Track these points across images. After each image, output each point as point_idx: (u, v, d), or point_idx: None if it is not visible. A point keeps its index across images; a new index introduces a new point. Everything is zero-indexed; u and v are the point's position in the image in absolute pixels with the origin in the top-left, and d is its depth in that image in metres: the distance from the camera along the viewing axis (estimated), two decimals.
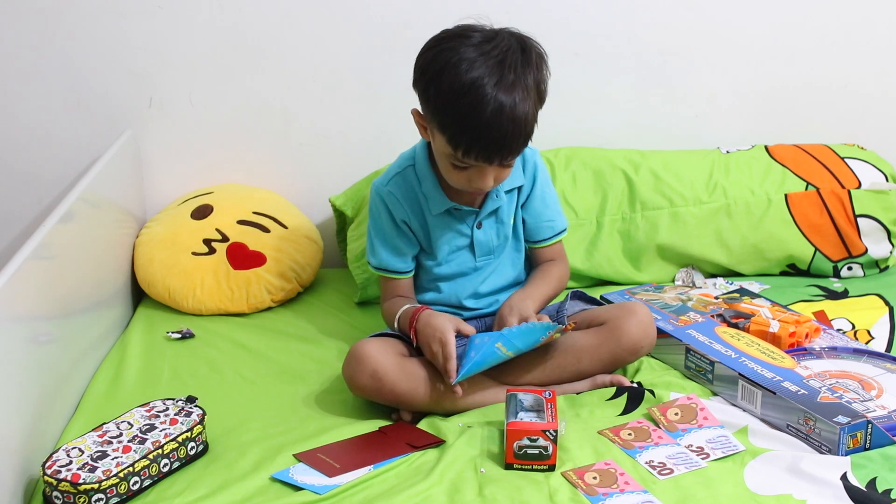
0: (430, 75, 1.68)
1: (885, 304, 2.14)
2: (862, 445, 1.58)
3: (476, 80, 1.62)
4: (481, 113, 1.62)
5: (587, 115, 2.48)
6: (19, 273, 1.54)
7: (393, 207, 1.83)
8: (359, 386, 1.72)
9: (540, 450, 1.53)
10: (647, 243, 2.29)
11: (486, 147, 1.65)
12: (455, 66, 1.64)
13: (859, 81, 2.54)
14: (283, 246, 2.26)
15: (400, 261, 1.87)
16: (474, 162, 1.67)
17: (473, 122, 1.63)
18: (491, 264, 1.88)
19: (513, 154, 1.69)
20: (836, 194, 2.31)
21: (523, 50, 1.68)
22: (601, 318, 1.82)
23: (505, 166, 1.71)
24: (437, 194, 1.82)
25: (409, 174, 1.84)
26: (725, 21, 2.48)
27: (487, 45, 1.66)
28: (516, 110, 1.63)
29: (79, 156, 2.38)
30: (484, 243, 1.86)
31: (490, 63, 1.64)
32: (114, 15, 2.32)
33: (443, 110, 1.67)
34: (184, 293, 2.18)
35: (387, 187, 1.84)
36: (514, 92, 1.63)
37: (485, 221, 1.85)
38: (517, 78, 1.64)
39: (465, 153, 1.66)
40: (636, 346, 1.80)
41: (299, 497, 1.48)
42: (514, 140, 1.66)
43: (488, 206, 1.84)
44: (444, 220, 1.84)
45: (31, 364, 1.59)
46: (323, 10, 2.36)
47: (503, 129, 1.63)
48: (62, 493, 1.45)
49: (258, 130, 2.44)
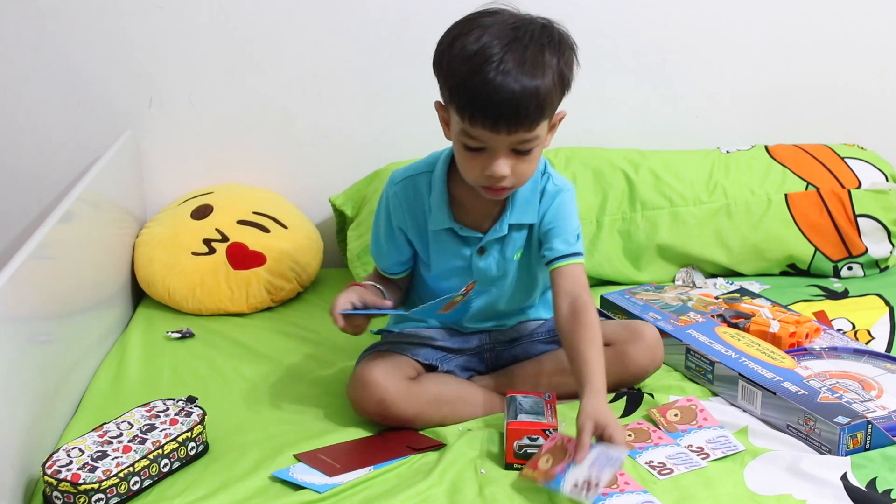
0: (444, 45, 1.61)
1: (885, 304, 2.14)
2: (862, 446, 1.58)
3: (486, 44, 1.55)
4: (486, 73, 1.53)
5: (587, 115, 2.47)
6: (19, 273, 1.54)
7: (394, 210, 1.76)
8: (365, 411, 1.69)
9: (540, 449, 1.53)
10: (648, 243, 2.29)
11: (491, 110, 1.54)
12: (468, 34, 1.58)
13: (859, 81, 2.55)
14: (283, 246, 2.26)
15: (386, 260, 1.81)
16: (481, 131, 1.56)
17: (478, 82, 1.53)
18: (489, 292, 1.78)
19: (521, 125, 1.56)
20: (836, 194, 2.31)
21: (545, 27, 1.60)
22: (607, 339, 1.70)
23: (520, 152, 1.60)
24: (441, 210, 1.72)
25: (422, 181, 1.74)
26: (725, 21, 2.48)
27: (507, 17, 1.60)
28: (525, 77, 1.54)
29: (79, 156, 2.38)
30: (483, 271, 1.74)
31: (504, 29, 1.57)
32: (114, 15, 2.32)
33: (452, 77, 1.59)
34: (184, 293, 2.18)
35: (395, 188, 1.76)
36: (524, 58, 1.55)
37: (488, 249, 1.74)
38: (531, 45, 1.56)
39: (472, 119, 1.55)
40: (642, 373, 1.77)
41: (299, 497, 1.48)
42: (522, 107, 1.54)
43: (492, 234, 1.72)
44: (445, 240, 1.74)
45: (31, 364, 1.59)
46: (323, 11, 2.36)
47: (509, 92, 1.53)
48: (62, 493, 1.45)
49: (258, 130, 2.44)
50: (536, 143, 1.61)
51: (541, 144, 1.63)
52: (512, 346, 1.83)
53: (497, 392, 1.76)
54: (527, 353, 1.81)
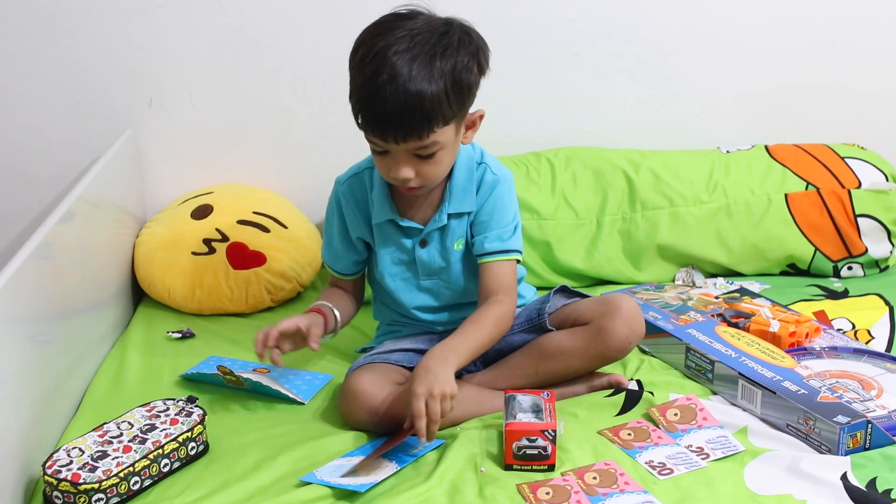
0: (353, 49, 1.63)
1: (885, 304, 2.14)
2: (862, 445, 1.58)
3: (382, 48, 1.56)
4: (376, 80, 1.55)
5: (587, 115, 2.48)
6: (19, 273, 1.54)
7: (345, 208, 1.80)
8: (357, 421, 1.68)
9: (539, 450, 1.53)
10: (648, 243, 2.29)
11: (380, 119, 1.57)
12: (371, 39, 1.59)
13: (859, 81, 2.55)
14: (283, 246, 2.26)
15: (337, 262, 1.84)
16: (377, 140, 1.60)
17: (370, 91, 1.56)
18: (437, 286, 1.81)
19: (409, 133, 1.57)
20: (836, 194, 2.31)
21: (445, 33, 1.60)
22: (585, 317, 1.75)
23: (421, 156, 1.62)
24: (382, 203, 1.76)
25: (364, 177, 1.79)
26: (725, 21, 2.48)
27: (414, 23, 1.60)
28: (412, 84, 1.54)
29: (79, 156, 2.38)
30: (427, 263, 1.78)
31: (402, 34, 1.57)
32: (114, 15, 2.32)
33: (351, 82, 1.62)
34: (184, 293, 2.18)
35: (342, 187, 1.81)
36: (414, 64, 1.55)
37: (430, 241, 1.77)
38: (421, 56, 1.56)
39: (365, 128, 1.60)
40: (624, 345, 1.74)
41: (299, 497, 1.48)
42: (409, 116, 1.55)
43: (431, 225, 1.75)
44: (387, 232, 1.78)
45: (31, 364, 1.59)
46: (323, 11, 2.36)
47: (397, 101, 1.54)
48: (62, 493, 1.45)
49: (258, 130, 2.44)
50: (438, 147, 1.63)
51: (447, 147, 1.64)
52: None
53: (490, 388, 1.76)
54: (510, 345, 1.81)
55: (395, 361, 1.77)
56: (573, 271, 2.27)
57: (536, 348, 1.78)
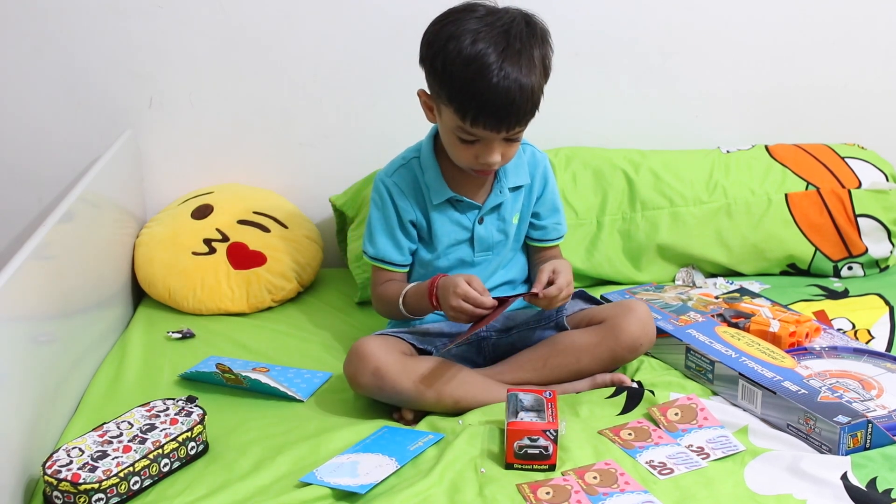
0: (437, 47, 1.71)
1: (885, 304, 2.14)
2: (862, 445, 1.58)
3: (482, 50, 1.66)
4: (488, 80, 1.65)
5: (587, 115, 2.48)
6: (19, 273, 1.54)
7: (397, 198, 1.85)
8: (360, 384, 1.72)
9: (540, 450, 1.53)
10: (648, 243, 2.29)
11: (495, 114, 1.67)
12: (461, 37, 1.68)
13: (859, 81, 2.55)
14: (283, 246, 2.26)
15: (398, 253, 1.88)
16: (482, 131, 1.69)
17: (481, 88, 1.65)
18: (489, 261, 1.89)
19: (520, 123, 1.71)
20: (836, 194, 2.31)
21: (528, 23, 1.71)
22: (600, 317, 1.83)
23: (511, 140, 1.74)
24: (439, 184, 1.83)
25: (413, 165, 1.86)
26: (726, 21, 2.48)
27: (491, 18, 1.70)
28: (522, 79, 1.66)
29: (79, 156, 2.38)
30: (484, 238, 1.87)
31: (495, 33, 1.67)
32: (114, 15, 2.32)
33: (450, 80, 1.69)
34: (184, 293, 2.18)
35: (391, 178, 1.86)
36: (519, 61, 1.67)
37: (487, 217, 1.86)
38: (523, 48, 1.68)
39: (474, 121, 1.68)
40: (635, 344, 1.80)
41: (299, 497, 1.48)
42: (522, 108, 1.68)
43: (491, 201, 1.85)
44: (446, 212, 1.85)
45: (31, 364, 1.59)
46: (323, 10, 2.36)
47: (511, 96, 1.66)
48: (62, 493, 1.45)
49: (258, 130, 2.44)
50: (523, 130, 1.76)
51: None
52: (508, 334, 1.87)
53: (496, 380, 1.77)
54: (524, 341, 1.85)
55: (408, 339, 1.81)
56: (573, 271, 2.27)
57: (548, 343, 1.81)
